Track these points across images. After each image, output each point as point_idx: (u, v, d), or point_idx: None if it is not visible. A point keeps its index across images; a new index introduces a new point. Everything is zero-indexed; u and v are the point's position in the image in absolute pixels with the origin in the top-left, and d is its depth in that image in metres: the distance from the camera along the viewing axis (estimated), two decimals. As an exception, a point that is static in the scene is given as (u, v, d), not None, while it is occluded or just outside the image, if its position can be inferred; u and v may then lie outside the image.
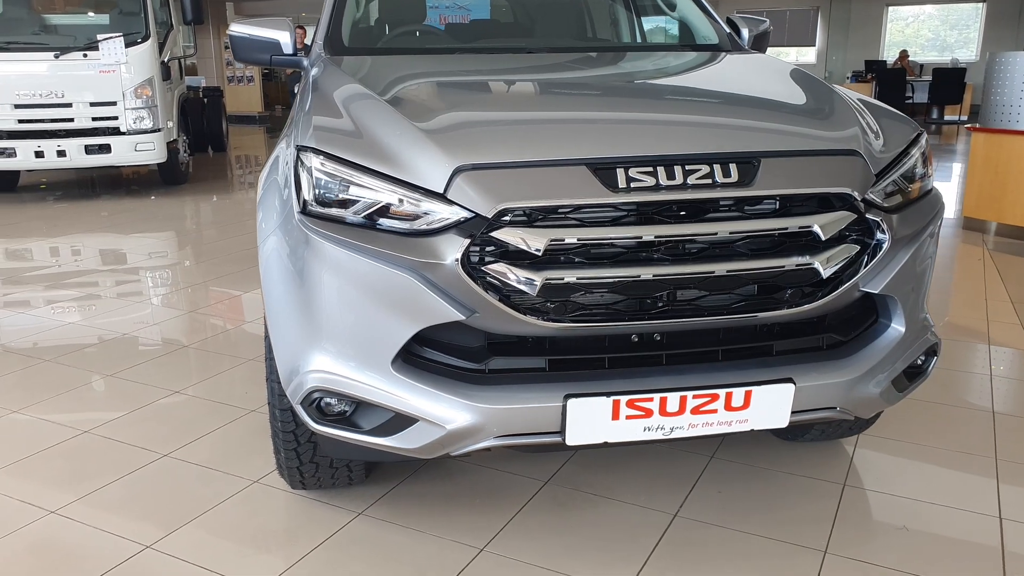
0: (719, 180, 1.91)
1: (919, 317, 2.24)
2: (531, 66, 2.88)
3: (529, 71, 2.81)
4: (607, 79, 2.82)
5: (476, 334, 2.00)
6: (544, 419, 1.93)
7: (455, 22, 3.59)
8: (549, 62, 2.96)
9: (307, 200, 2.02)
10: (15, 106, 7.76)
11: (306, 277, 2.02)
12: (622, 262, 1.89)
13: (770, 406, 1.99)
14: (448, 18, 3.91)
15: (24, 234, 7.03)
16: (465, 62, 2.93)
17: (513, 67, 2.85)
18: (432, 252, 1.86)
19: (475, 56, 3.02)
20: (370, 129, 2.06)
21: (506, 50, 3.13)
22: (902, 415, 3.17)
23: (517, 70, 2.80)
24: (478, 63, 2.91)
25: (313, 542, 2.40)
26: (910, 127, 2.31)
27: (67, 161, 7.92)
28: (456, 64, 2.91)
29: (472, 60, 2.96)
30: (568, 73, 2.85)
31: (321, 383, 2.01)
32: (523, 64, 2.91)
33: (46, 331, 4.39)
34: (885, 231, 2.00)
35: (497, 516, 2.52)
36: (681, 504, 2.59)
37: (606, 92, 2.62)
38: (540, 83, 2.67)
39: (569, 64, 2.97)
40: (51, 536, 2.45)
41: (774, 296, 1.97)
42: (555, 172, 1.90)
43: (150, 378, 3.65)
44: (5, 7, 8.40)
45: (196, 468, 2.83)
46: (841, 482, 2.71)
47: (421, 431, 1.97)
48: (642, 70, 3.00)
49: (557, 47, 3.24)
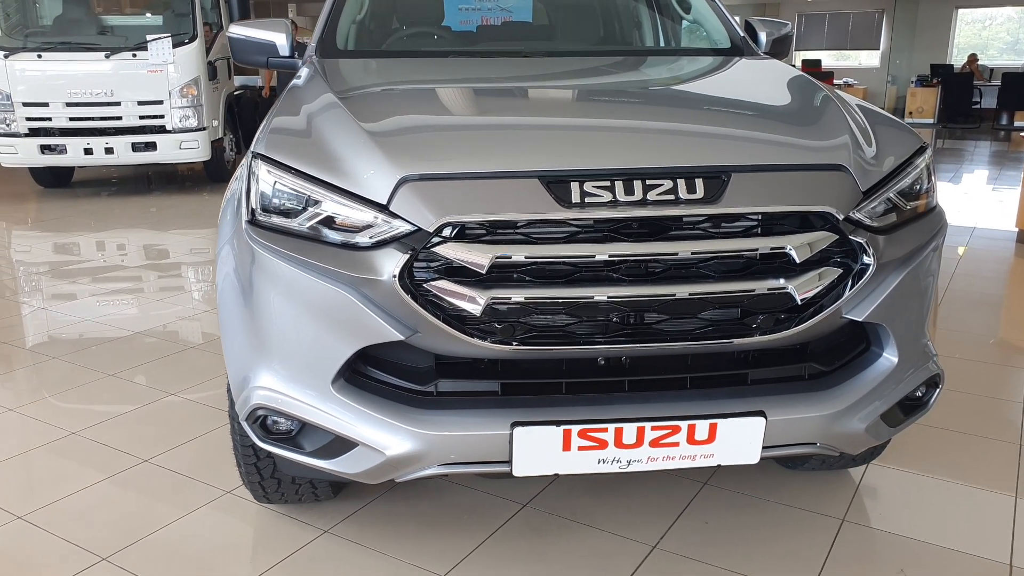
0: (683, 196, 1.76)
1: (917, 345, 2.05)
2: (515, 72, 2.75)
3: (510, 78, 2.68)
4: (586, 87, 2.66)
5: (425, 355, 1.90)
6: (490, 448, 1.81)
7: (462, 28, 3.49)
8: (536, 67, 2.82)
9: (254, 209, 1.94)
10: (67, 104, 7.95)
11: (251, 289, 1.94)
12: (574, 282, 1.75)
13: (738, 441, 1.83)
14: (471, 20, 3.82)
15: (69, 228, 7.19)
16: (452, 67, 2.82)
17: (496, 73, 2.72)
18: (370, 267, 1.76)
19: (465, 61, 2.91)
20: (324, 136, 1.98)
21: (501, 54, 3.01)
22: (919, 443, 2.95)
23: (498, 77, 2.67)
24: (464, 68, 2.80)
25: (272, 560, 2.33)
26: (912, 139, 2.11)
27: (114, 158, 8.08)
28: (440, 69, 2.80)
29: (460, 65, 2.85)
30: (548, 80, 2.69)
31: (265, 400, 1.93)
32: (508, 70, 2.78)
33: (63, 327, 4.45)
34: (870, 254, 1.82)
35: (467, 540, 2.41)
36: (663, 535, 2.43)
37: (578, 100, 2.47)
38: (511, 90, 2.54)
39: (555, 70, 2.82)
40: (9, 544, 2.42)
41: (744, 322, 1.81)
42: (505, 185, 1.77)
43: (152, 379, 3.64)
44: (63, 8, 8.64)
45: (172, 476, 2.79)
46: (840, 517, 2.52)
47: (361, 456, 1.87)
48: (629, 77, 2.83)
49: (556, 51, 3.10)
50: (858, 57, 21.12)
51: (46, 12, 8.73)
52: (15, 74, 7.93)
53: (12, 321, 4.53)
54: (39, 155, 8.06)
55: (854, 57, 21.21)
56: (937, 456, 2.89)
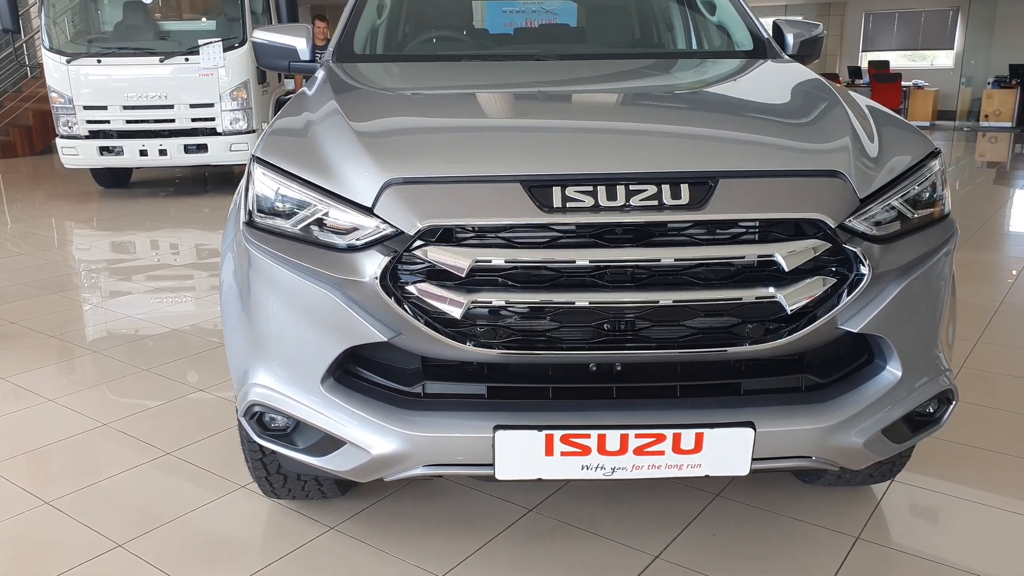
0: (667, 202, 1.74)
1: (926, 358, 1.98)
2: (518, 77, 2.74)
3: (511, 82, 2.67)
4: (583, 90, 2.63)
5: (412, 356, 1.91)
6: (473, 450, 1.82)
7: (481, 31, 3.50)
8: (542, 72, 2.80)
9: (251, 211, 1.98)
10: (124, 107, 8.24)
11: (248, 289, 1.98)
12: (555, 287, 1.75)
13: (726, 451, 1.80)
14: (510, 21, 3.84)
15: (124, 227, 7.44)
16: (459, 70, 2.84)
17: (498, 77, 2.72)
18: (354, 269, 1.78)
19: (475, 64, 2.91)
20: (319, 139, 2.01)
21: (513, 57, 3.01)
22: (950, 461, 2.85)
23: (499, 81, 2.67)
24: (470, 72, 2.81)
25: (277, 554, 2.37)
26: (922, 144, 2.04)
27: (167, 160, 8.34)
28: (447, 73, 2.82)
29: (468, 68, 2.86)
30: (547, 84, 2.66)
31: (260, 398, 1.97)
32: (514, 74, 2.77)
33: (108, 323, 4.60)
34: (866, 264, 1.76)
35: (469, 543, 2.41)
36: (667, 545, 2.40)
37: (570, 104, 2.44)
38: (507, 94, 2.52)
39: (559, 75, 2.79)
40: (35, 527, 2.52)
41: (733, 331, 1.78)
42: (487, 189, 1.78)
43: (184, 374, 3.74)
44: (123, 15, 8.95)
45: (192, 469, 2.87)
46: (855, 535, 2.44)
47: (349, 454, 1.89)
48: (631, 81, 2.78)
49: (569, 55, 3.08)
50: (931, 57, 20.41)
51: (108, 18, 9.05)
52: (77, 79, 8.24)
53: (64, 316, 4.71)
54: (98, 156, 8.36)
55: (926, 58, 20.51)
56: (968, 475, 2.79)
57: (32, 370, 3.81)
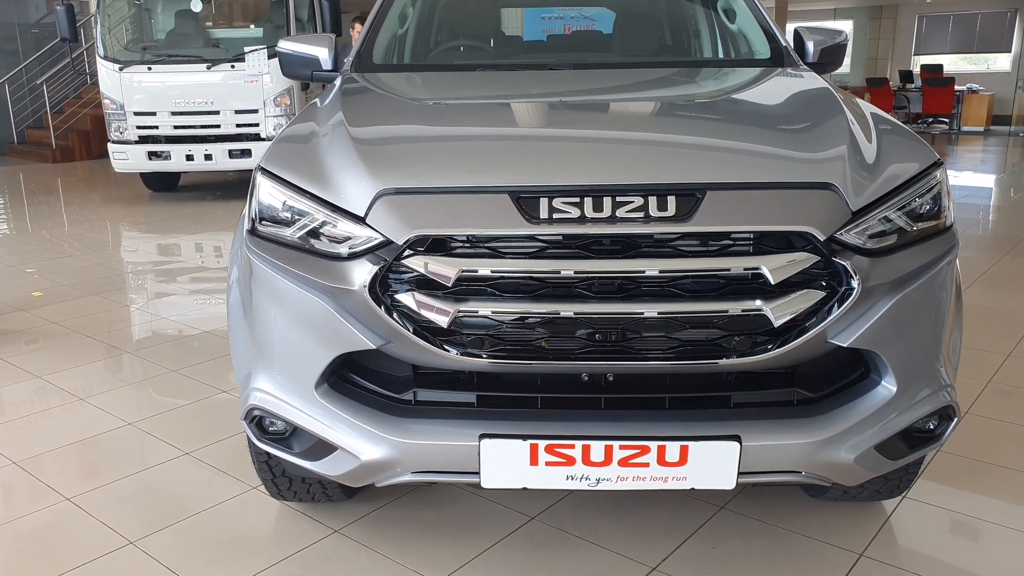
0: (653, 214, 1.74)
1: (925, 374, 1.94)
2: (527, 88, 2.75)
3: (517, 94, 2.68)
4: (581, 102, 2.60)
5: (404, 364, 1.94)
6: (460, 458, 1.84)
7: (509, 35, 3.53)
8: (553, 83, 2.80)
9: (254, 219, 2.04)
10: (172, 113, 8.48)
11: (250, 296, 2.04)
12: (542, 297, 1.76)
13: (712, 464, 1.79)
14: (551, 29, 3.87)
15: (169, 230, 7.65)
16: (472, 81, 2.86)
17: (506, 88, 2.74)
18: (345, 278, 1.82)
19: (490, 75, 2.94)
20: (322, 149, 2.06)
21: (530, 67, 3.03)
22: (969, 478, 2.78)
23: (505, 93, 2.69)
24: (480, 82, 2.83)
25: (279, 555, 2.42)
26: (924, 155, 2.00)
27: (213, 164, 8.56)
28: (457, 83, 2.85)
29: (478, 79, 2.88)
30: (549, 95, 2.65)
31: (260, 402, 2.02)
32: (524, 84, 2.79)
33: (143, 324, 4.75)
34: (855, 277, 1.74)
35: (467, 550, 2.44)
36: (665, 557, 2.39)
37: (565, 115, 2.43)
38: (506, 105, 2.53)
39: (570, 85, 2.79)
40: (55, 522, 2.62)
41: (720, 344, 1.77)
42: (476, 199, 1.80)
43: (209, 376, 3.84)
44: (175, 23, 9.22)
45: (208, 469, 2.94)
46: (859, 552, 2.40)
47: (340, 459, 1.93)
48: (630, 93, 2.75)
49: (583, 64, 3.08)
50: (988, 61, 19.82)
51: (160, 27, 9.33)
52: (129, 86, 8.52)
53: (103, 317, 4.87)
54: (147, 161, 8.62)
55: (983, 61, 19.93)
56: (986, 494, 2.71)
57: (67, 369, 3.95)
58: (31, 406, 3.53)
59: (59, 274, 5.91)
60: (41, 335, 4.52)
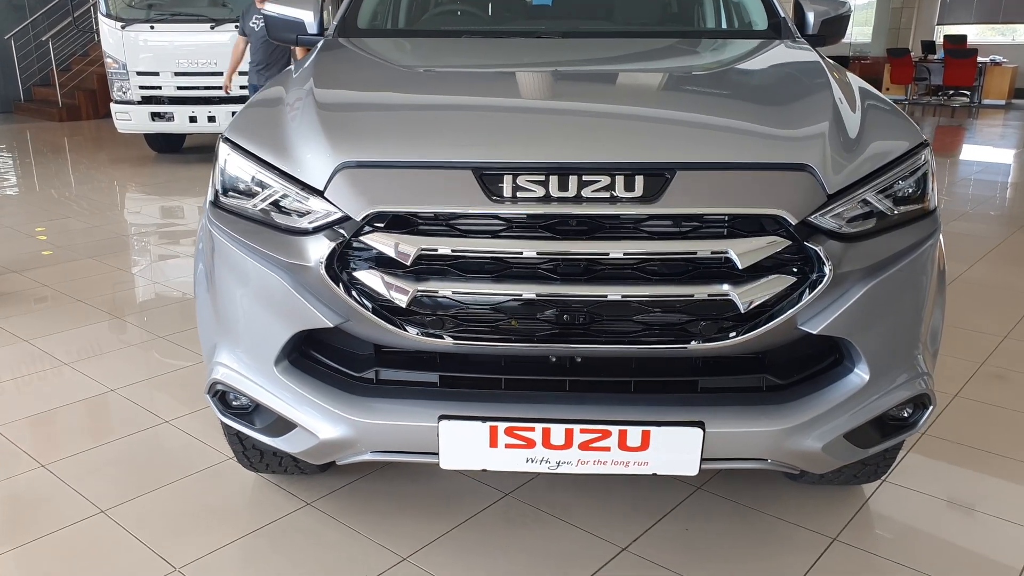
0: (619, 194, 1.68)
1: (900, 362, 1.89)
2: (508, 58, 2.66)
3: (495, 62, 2.60)
4: (561, 73, 2.49)
5: (366, 343, 1.91)
6: (418, 439, 1.81)
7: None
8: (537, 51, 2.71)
9: (217, 190, 1.99)
10: (175, 73, 8.40)
11: (212, 269, 2.00)
12: (503, 278, 1.71)
13: (674, 450, 1.76)
14: None
15: (172, 192, 7.62)
16: (454, 48, 2.78)
17: (482, 57, 2.66)
18: (301, 253, 1.78)
19: (475, 41, 2.85)
20: (287, 119, 2.00)
21: (515, 34, 2.95)
22: (952, 463, 2.75)
23: (481, 62, 2.61)
24: (464, 50, 2.75)
25: (248, 528, 2.42)
26: (909, 137, 1.92)
27: (216, 126, 8.47)
28: (440, 50, 2.77)
29: (464, 46, 2.80)
30: (526, 65, 2.57)
31: (223, 377, 2.00)
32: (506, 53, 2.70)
33: (136, 289, 4.74)
34: (827, 263, 1.68)
35: (439, 525, 2.42)
36: (636, 538, 2.36)
37: (538, 88, 2.35)
38: (480, 74, 2.46)
39: (553, 54, 2.69)
40: (30, 489, 2.62)
41: (685, 328, 1.72)
42: (438, 175, 1.75)
43: (196, 343, 3.79)
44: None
45: (185, 438, 2.94)
46: (832, 536, 2.37)
47: (299, 437, 1.91)
48: (611, 65, 2.64)
49: (575, 32, 2.98)
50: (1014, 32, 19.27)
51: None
52: (132, 44, 8.42)
53: (96, 281, 4.85)
54: (150, 122, 8.56)
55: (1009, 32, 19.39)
56: (967, 479, 2.68)
57: (54, 334, 3.95)
58: (15, 371, 3.53)
59: (57, 236, 5.90)
60: (34, 298, 4.52)
